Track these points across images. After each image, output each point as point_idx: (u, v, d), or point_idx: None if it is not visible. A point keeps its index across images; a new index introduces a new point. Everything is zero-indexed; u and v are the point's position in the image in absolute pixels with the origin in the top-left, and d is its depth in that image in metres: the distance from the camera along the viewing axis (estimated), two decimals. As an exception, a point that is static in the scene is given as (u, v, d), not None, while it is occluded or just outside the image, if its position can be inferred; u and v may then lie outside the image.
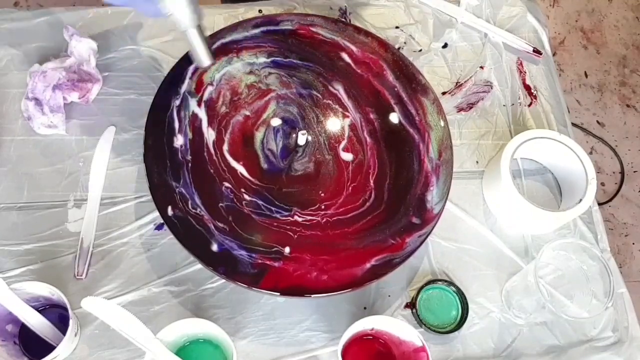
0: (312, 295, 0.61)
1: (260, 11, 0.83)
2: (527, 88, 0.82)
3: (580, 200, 0.69)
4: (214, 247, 0.63)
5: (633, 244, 1.52)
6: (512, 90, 0.82)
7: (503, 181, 0.69)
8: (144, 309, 0.66)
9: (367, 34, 0.75)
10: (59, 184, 0.71)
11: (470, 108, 0.80)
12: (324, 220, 0.66)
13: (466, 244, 0.72)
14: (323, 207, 0.67)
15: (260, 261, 0.63)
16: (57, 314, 0.63)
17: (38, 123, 0.71)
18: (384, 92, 0.73)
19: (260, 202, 0.66)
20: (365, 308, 0.68)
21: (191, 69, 0.71)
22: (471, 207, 0.74)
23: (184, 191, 0.65)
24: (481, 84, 0.82)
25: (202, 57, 0.61)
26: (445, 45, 0.84)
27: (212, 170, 0.67)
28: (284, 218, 0.66)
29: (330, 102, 0.73)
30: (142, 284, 0.67)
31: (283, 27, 0.75)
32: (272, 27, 0.74)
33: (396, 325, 0.61)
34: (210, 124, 0.69)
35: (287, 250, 0.64)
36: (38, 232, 0.68)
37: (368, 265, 0.64)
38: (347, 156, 0.71)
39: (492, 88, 0.81)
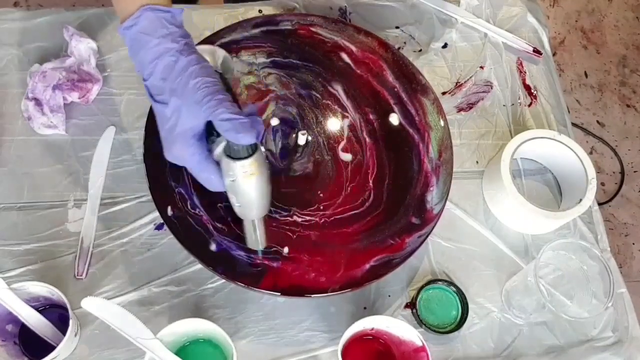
0: (312, 295, 0.61)
1: (260, 11, 0.83)
2: (527, 88, 0.82)
3: (580, 200, 0.69)
4: (213, 247, 0.63)
5: (633, 244, 1.52)
6: (512, 90, 0.82)
7: (503, 181, 0.69)
8: (144, 309, 0.65)
9: (367, 34, 0.75)
10: (59, 184, 0.71)
11: (470, 108, 0.80)
12: (322, 220, 0.66)
13: (466, 244, 0.72)
14: (322, 207, 0.67)
15: (258, 261, 0.63)
16: (57, 314, 0.63)
17: (38, 123, 0.71)
18: (384, 93, 0.73)
19: (259, 202, 0.66)
20: (365, 308, 0.68)
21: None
22: (471, 207, 0.74)
23: (183, 191, 0.65)
24: (481, 84, 0.82)
25: (256, 242, 0.59)
26: (445, 45, 0.84)
27: (211, 171, 0.67)
28: (282, 218, 0.66)
29: (329, 102, 0.73)
30: (142, 284, 0.67)
31: (283, 27, 0.75)
32: (271, 27, 0.74)
33: (396, 325, 0.61)
34: (210, 124, 0.69)
35: (285, 250, 0.64)
36: (38, 232, 0.68)
37: (367, 265, 0.64)
38: (346, 156, 0.71)
39: (492, 88, 0.81)
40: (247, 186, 0.52)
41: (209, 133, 0.52)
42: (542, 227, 0.73)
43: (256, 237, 0.58)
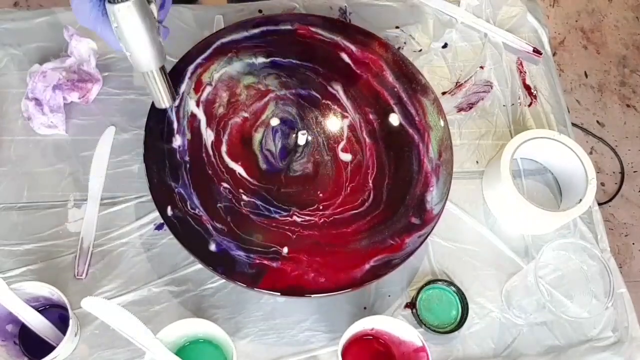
0: (312, 295, 0.61)
1: (260, 11, 0.83)
2: (527, 88, 0.82)
3: (580, 200, 0.69)
4: (213, 247, 0.63)
5: (633, 244, 1.52)
6: (512, 90, 0.82)
7: (503, 181, 0.69)
8: (144, 309, 0.66)
9: (367, 34, 0.75)
10: (59, 184, 0.71)
11: (470, 108, 0.80)
12: (322, 220, 0.66)
13: (466, 244, 0.72)
14: (321, 207, 0.67)
15: (258, 261, 0.63)
16: (57, 314, 0.63)
17: (38, 123, 0.71)
18: (384, 93, 0.73)
19: (258, 203, 0.66)
20: (365, 308, 0.68)
21: (190, 68, 0.71)
22: (471, 207, 0.74)
23: (182, 191, 0.65)
24: (481, 84, 0.82)
25: (161, 98, 0.58)
26: (445, 45, 0.84)
27: (210, 171, 0.67)
28: (282, 218, 0.66)
29: (329, 102, 0.73)
30: (142, 284, 0.67)
31: (283, 27, 0.75)
32: (271, 27, 0.74)
33: (396, 325, 0.61)
34: (208, 124, 0.70)
35: (285, 250, 0.64)
36: (38, 232, 0.68)
37: (367, 265, 0.64)
38: (346, 156, 0.71)
39: (492, 88, 0.81)
40: (128, 29, 0.53)
41: None
42: (542, 227, 0.73)
43: (159, 92, 0.57)
